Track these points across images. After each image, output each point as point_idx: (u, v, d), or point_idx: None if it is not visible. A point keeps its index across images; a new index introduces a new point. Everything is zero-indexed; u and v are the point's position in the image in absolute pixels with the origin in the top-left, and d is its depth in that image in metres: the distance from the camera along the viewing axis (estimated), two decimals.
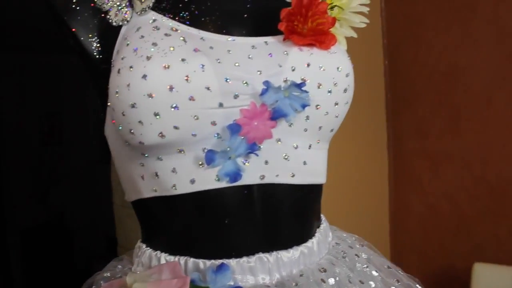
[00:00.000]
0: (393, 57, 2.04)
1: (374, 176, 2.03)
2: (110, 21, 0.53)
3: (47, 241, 3.59)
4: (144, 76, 0.46)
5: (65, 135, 3.86)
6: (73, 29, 0.55)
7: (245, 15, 0.55)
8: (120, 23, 0.53)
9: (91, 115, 3.68)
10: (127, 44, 0.50)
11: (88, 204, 3.73)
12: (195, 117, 0.48)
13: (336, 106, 0.54)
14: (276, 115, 0.49)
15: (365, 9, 0.58)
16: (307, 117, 0.53)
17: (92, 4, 0.55)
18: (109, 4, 0.53)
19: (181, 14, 0.53)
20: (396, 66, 2.04)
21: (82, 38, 0.55)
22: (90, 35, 0.55)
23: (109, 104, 0.51)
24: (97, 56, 0.55)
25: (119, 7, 0.53)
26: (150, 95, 0.46)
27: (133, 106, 0.47)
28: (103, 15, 0.54)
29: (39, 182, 3.74)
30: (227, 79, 0.49)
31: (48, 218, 3.70)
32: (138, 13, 0.52)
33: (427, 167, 1.96)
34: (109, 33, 0.54)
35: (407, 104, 2.01)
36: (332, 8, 0.57)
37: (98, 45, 0.55)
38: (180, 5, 0.54)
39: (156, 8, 0.53)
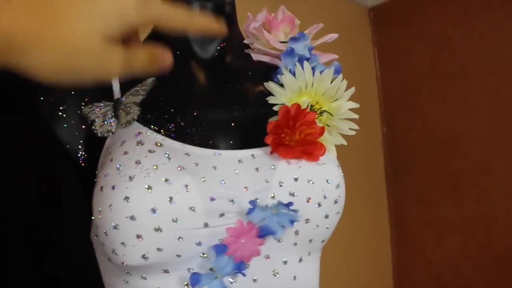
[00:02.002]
0: (391, 124, 2.05)
1: (377, 245, 1.98)
2: (95, 132, 0.52)
3: None
4: (126, 198, 0.45)
5: (63, 197, 3.84)
6: (59, 136, 0.54)
7: (232, 124, 0.54)
8: (105, 135, 0.52)
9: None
10: (111, 160, 0.49)
11: (85, 269, 3.63)
12: (179, 238, 0.46)
13: (327, 218, 0.52)
14: (264, 233, 0.47)
15: (355, 116, 0.57)
16: (297, 232, 0.51)
17: (78, 112, 0.54)
18: (94, 114, 0.53)
19: (167, 127, 0.52)
20: (393, 133, 2.04)
21: (67, 146, 0.54)
22: (75, 143, 0.54)
23: (93, 218, 0.49)
24: (82, 164, 0.54)
25: (104, 118, 0.53)
26: (132, 218, 0.44)
27: (115, 227, 0.45)
28: (89, 122, 0.53)
29: (34, 243, 3.67)
30: (212, 198, 0.47)
31: (42, 282, 3.60)
32: (123, 125, 0.51)
33: (430, 235, 1.91)
34: (94, 143, 0.53)
35: (406, 172, 1.99)
36: (321, 113, 0.56)
37: (83, 153, 0.54)
38: (166, 116, 0.53)
39: (141, 119, 0.52)
